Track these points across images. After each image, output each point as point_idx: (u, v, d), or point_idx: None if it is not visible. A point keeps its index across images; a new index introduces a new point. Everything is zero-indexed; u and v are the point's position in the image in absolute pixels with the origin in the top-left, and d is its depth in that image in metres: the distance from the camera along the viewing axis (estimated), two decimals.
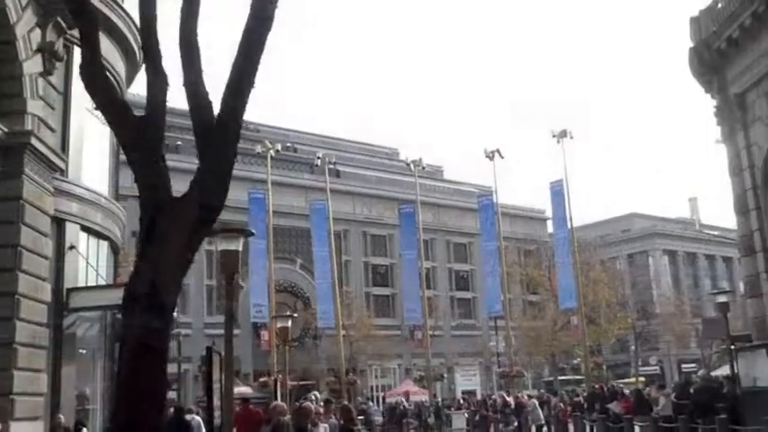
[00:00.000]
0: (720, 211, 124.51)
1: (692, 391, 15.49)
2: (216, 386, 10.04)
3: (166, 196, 5.42)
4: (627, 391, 22.38)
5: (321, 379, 37.13)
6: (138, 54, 18.32)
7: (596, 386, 26.49)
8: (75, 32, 5.49)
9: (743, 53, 17.39)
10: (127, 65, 18.52)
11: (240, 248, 7.76)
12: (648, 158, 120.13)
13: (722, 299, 16.88)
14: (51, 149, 13.39)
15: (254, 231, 8.36)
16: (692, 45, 19.08)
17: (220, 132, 5.59)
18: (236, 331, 43.99)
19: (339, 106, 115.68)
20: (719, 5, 18.13)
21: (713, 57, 18.31)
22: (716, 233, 58.85)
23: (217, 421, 10.02)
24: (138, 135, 5.55)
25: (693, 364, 54.09)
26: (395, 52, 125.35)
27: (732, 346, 15.45)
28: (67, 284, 15.32)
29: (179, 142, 45.48)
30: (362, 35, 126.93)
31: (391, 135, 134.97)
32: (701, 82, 19.62)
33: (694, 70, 19.39)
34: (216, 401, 10.29)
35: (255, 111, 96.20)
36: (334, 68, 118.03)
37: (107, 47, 17.65)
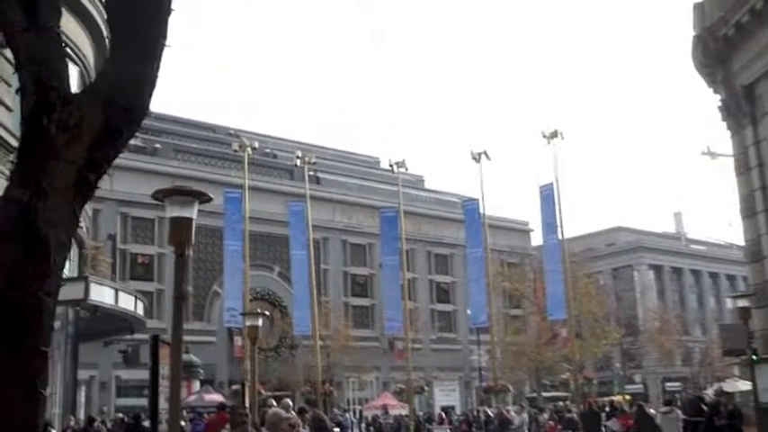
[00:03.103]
0: (705, 227, 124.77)
1: (704, 408, 13.93)
2: (164, 382, 8.49)
3: (59, 87, 3.58)
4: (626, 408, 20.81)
5: (297, 390, 35.86)
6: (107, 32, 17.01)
7: (585, 403, 24.78)
8: None
9: (752, 40, 16.13)
10: (94, 49, 17.59)
11: (194, 216, 6.15)
12: (633, 172, 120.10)
13: (743, 303, 14.93)
14: (7, 130, 12.41)
15: (212, 197, 6.49)
16: (695, 34, 17.83)
17: None
18: (211, 338, 42.03)
19: (321, 116, 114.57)
20: None
21: (718, 45, 17.02)
22: (703, 248, 57.81)
23: (163, 426, 8.48)
24: None
25: (678, 383, 52.95)
26: (380, 61, 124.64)
27: (754, 357, 13.86)
28: None
29: (157, 145, 44.33)
30: (347, 46, 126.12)
31: (373, 145, 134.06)
32: (703, 74, 18.37)
33: (697, 62, 18.13)
34: (163, 402, 8.73)
35: (235, 117, 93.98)
36: (318, 77, 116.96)
37: (74, 28, 16.29)
